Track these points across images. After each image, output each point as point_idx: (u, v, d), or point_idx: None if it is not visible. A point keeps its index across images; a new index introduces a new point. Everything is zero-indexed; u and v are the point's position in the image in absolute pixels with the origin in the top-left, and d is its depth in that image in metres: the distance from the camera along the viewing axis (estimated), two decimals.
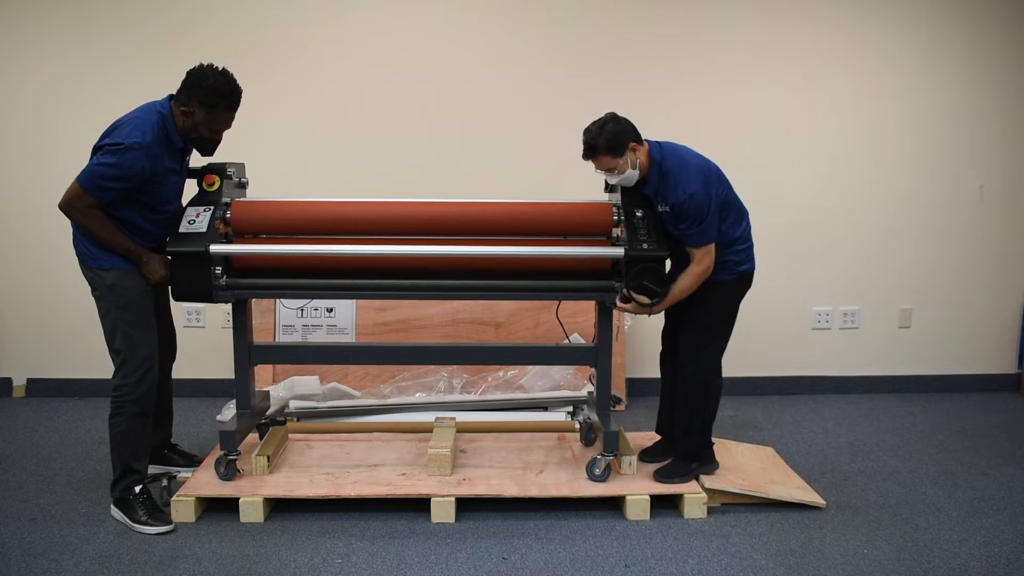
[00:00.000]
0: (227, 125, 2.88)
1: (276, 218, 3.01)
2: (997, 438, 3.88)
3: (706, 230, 2.85)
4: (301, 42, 4.20)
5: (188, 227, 2.92)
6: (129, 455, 2.85)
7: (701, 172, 2.86)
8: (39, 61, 4.15)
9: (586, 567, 2.62)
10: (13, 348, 4.34)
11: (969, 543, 2.81)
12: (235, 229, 2.99)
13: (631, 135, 2.84)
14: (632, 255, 2.88)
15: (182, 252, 2.88)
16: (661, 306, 2.93)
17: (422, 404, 3.95)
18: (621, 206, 3.00)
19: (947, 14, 4.38)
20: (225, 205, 2.98)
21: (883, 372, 4.61)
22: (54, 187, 4.18)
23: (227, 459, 3.01)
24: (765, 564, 2.64)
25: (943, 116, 4.46)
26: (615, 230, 3.01)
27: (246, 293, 3.02)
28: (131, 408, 2.82)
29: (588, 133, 2.86)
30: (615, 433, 3.03)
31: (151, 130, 2.74)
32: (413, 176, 4.29)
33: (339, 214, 3.00)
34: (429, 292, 3.04)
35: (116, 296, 2.82)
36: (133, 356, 2.81)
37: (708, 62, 4.31)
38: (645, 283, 2.88)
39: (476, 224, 3.00)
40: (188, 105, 2.78)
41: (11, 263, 4.28)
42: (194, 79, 2.78)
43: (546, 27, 4.26)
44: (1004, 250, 4.60)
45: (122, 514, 2.84)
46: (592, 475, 3.05)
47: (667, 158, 2.89)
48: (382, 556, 2.67)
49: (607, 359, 3.16)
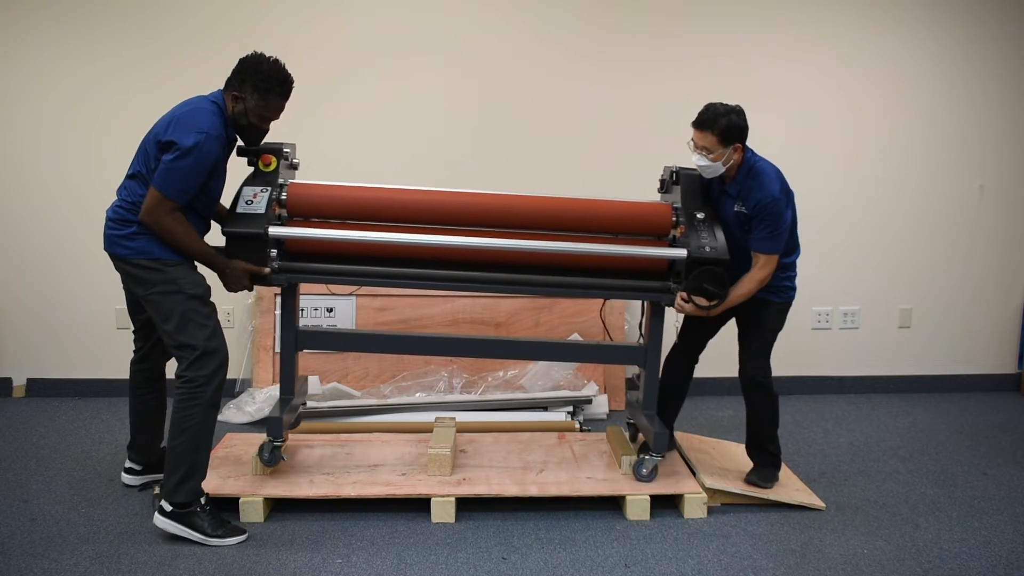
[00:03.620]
0: (277, 114, 2.85)
1: (333, 202, 2.95)
2: (997, 438, 3.88)
3: (777, 238, 2.90)
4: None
5: (246, 207, 2.86)
6: (201, 451, 2.75)
7: (784, 184, 2.95)
8: (33, 59, 4.15)
9: (586, 567, 2.62)
10: (13, 348, 4.34)
11: (969, 543, 2.81)
12: (290, 211, 2.94)
13: (742, 134, 2.89)
14: (695, 257, 2.88)
15: (241, 233, 2.84)
16: (719, 309, 2.95)
17: (422, 404, 3.95)
18: (680, 208, 2.99)
19: (946, 14, 4.39)
20: (281, 186, 2.93)
21: (883, 372, 4.61)
22: (54, 186, 4.23)
23: (272, 445, 2.99)
24: (765, 564, 2.65)
25: (943, 116, 4.46)
26: (673, 231, 3.00)
27: (299, 277, 2.97)
28: (208, 400, 2.73)
29: (712, 108, 2.88)
30: (664, 433, 3.01)
31: (210, 116, 2.71)
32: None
33: (396, 201, 2.95)
34: (484, 285, 3.00)
35: (186, 288, 2.73)
36: (211, 347, 2.73)
37: (708, 63, 4.31)
38: (705, 286, 2.89)
39: (532, 218, 2.97)
40: (240, 91, 2.75)
41: (11, 263, 4.27)
42: (248, 65, 2.76)
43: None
44: (1004, 250, 4.60)
45: (185, 528, 2.71)
46: (639, 475, 3.03)
47: (759, 162, 2.95)
48: (382, 556, 2.67)
49: (656, 359, 3.14)
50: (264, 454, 3.01)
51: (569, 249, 2.92)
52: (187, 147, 2.63)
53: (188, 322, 2.73)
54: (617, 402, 4.26)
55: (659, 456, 3.02)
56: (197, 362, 2.72)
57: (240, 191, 2.92)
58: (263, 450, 3.01)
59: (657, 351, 3.13)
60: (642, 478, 3.03)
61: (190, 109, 2.73)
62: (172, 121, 2.71)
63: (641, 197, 3.15)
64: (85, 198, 4.23)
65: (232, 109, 2.79)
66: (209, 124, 2.69)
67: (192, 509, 2.73)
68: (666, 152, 3.47)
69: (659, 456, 3.02)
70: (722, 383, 4.32)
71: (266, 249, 2.88)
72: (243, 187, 2.93)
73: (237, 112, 2.79)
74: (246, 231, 2.84)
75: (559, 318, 4.27)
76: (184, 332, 2.73)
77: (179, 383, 2.73)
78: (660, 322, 3.10)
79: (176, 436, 2.72)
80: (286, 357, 3.12)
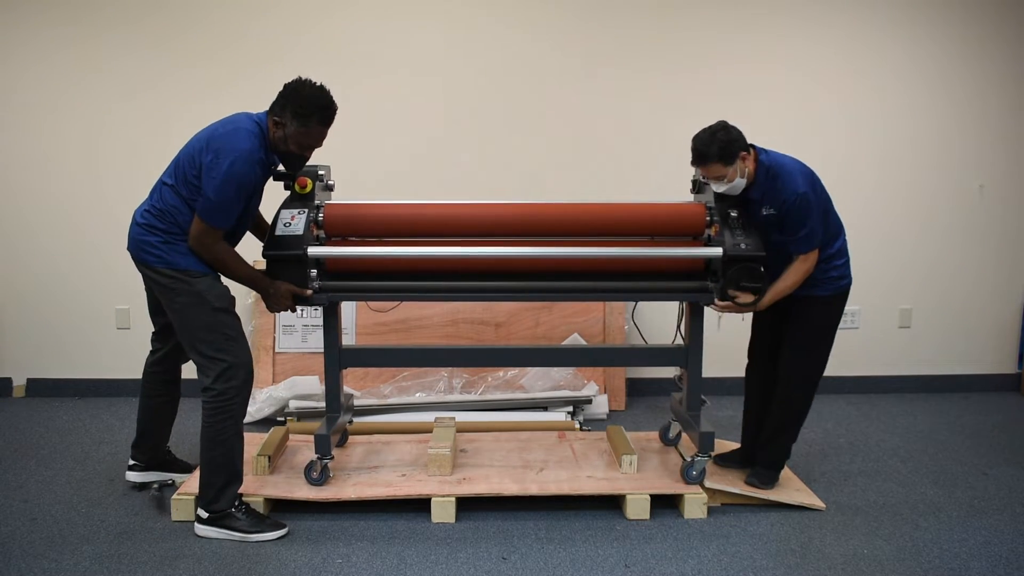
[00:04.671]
0: (318, 142, 2.77)
1: (369, 221, 2.99)
2: (997, 438, 3.88)
3: (811, 235, 2.86)
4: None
5: (284, 230, 2.87)
6: (237, 458, 2.77)
7: (807, 176, 2.90)
8: (38, 60, 4.15)
9: (586, 567, 2.62)
10: (13, 348, 4.34)
11: (969, 543, 2.81)
12: (327, 231, 2.97)
13: (741, 144, 2.84)
14: (731, 255, 2.88)
15: (282, 255, 2.86)
16: (759, 305, 2.93)
17: (422, 404, 3.95)
18: (714, 207, 2.99)
19: (946, 14, 4.38)
20: (317, 207, 2.95)
21: (883, 372, 4.61)
22: (53, 187, 4.23)
23: (321, 463, 2.98)
24: (765, 564, 2.64)
25: (943, 116, 4.46)
26: (707, 230, 3.01)
27: (339, 296, 3.00)
28: (238, 411, 2.74)
29: (699, 140, 2.84)
30: (710, 433, 3.00)
31: (250, 139, 2.65)
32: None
33: (432, 216, 2.98)
34: (525, 294, 3.05)
35: (212, 300, 2.72)
36: (238, 360, 2.73)
37: (707, 64, 4.31)
38: (743, 283, 2.88)
39: (568, 225, 3.00)
40: (281, 116, 2.68)
41: (11, 263, 4.28)
42: (290, 90, 2.69)
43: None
44: (1004, 250, 4.60)
45: (225, 530, 2.74)
46: (689, 478, 3.02)
47: (774, 161, 2.91)
48: (382, 556, 2.67)
49: (698, 359, 3.15)
50: (313, 473, 2.98)
51: (612, 254, 2.94)
52: (227, 176, 2.59)
53: (214, 335, 2.72)
54: (617, 402, 4.27)
55: (707, 456, 3.02)
56: (224, 375, 2.71)
57: (278, 214, 2.92)
58: (311, 469, 2.98)
59: (698, 351, 3.14)
60: (692, 480, 3.02)
61: (230, 130, 2.67)
62: (210, 143, 2.65)
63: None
64: (86, 199, 4.24)
65: (273, 135, 2.72)
66: (248, 148, 2.63)
67: (228, 511, 2.74)
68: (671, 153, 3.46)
69: (707, 456, 3.02)
70: (723, 383, 4.31)
71: (306, 270, 2.89)
72: (281, 210, 2.93)
73: (277, 138, 2.71)
74: (286, 253, 2.86)
75: (559, 318, 4.27)
76: (210, 346, 2.72)
77: (207, 396, 2.72)
78: (700, 322, 3.12)
79: (211, 448, 2.73)
80: (331, 375, 3.13)
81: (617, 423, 3.64)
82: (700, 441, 2.99)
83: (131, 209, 2.87)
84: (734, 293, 2.90)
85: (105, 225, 4.21)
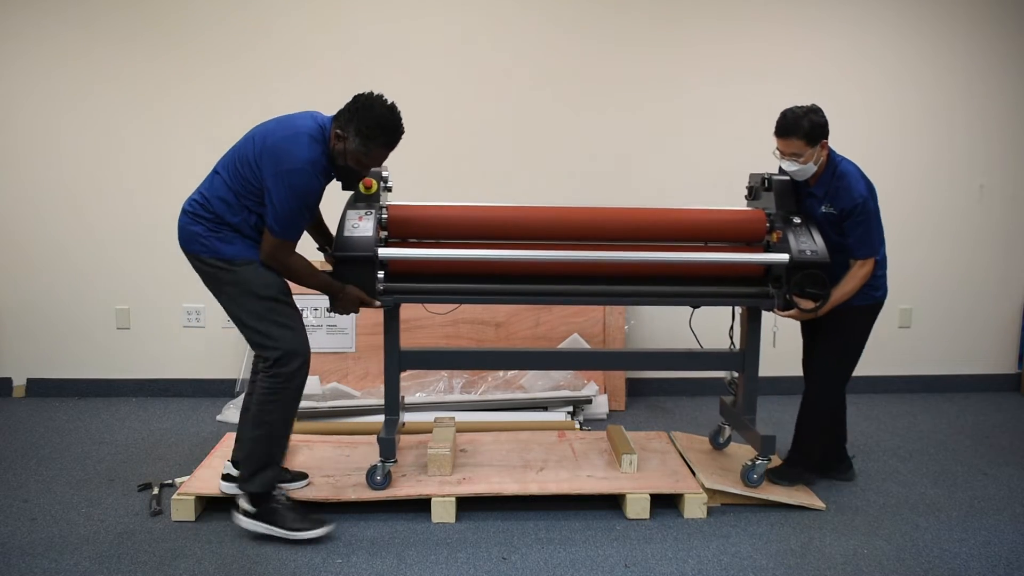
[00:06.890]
0: (378, 163, 2.70)
1: (434, 222, 2.98)
2: (997, 438, 3.88)
3: (871, 240, 2.91)
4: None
5: (352, 231, 2.86)
6: (276, 444, 2.74)
7: (868, 183, 2.94)
8: (41, 62, 4.15)
9: (586, 567, 2.62)
10: (13, 348, 4.34)
11: (969, 543, 2.81)
12: (392, 233, 2.97)
13: (825, 131, 2.88)
14: (796, 261, 2.89)
15: (352, 256, 2.85)
16: (822, 311, 2.94)
17: (422, 404, 3.95)
18: (775, 213, 3.02)
19: (946, 14, 4.39)
20: (382, 208, 2.94)
21: (883, 372, 4.61)
22: (54, 188, 4.23)
23: (385, 467, 2.96)
24: (765, 564, 2.65)
25: (943, 116, 4.46)
26: (767, 236, 3.02)
27: (404, 298, 2.99)
28: (290, 397, 2.71)
29: (791, 113, 2.87)
30: (771, 437, 3.02)
31: (311, 145, 2.58)
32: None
33: (494, 219, 2.99)
34: (586, 298, 3.07)
35: (256, 288, 2.68)
36: (290, 348, 2.69)
37: (706, 65, 4.31)
38: (808, 289, 2.90)
39: (629, 230, 3.02)
40: (345, 130, 2.60)
41: (11, 263, 4.27)
42: (359, 105, 2.60)
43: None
44: (1004, 250, 4.60)
45: (267, 525, 2.71)
46: (751, 481, 3.03)
47: (841, 162, 2.94)
48: (382, 556, 2.67)
49: (755, 364, 3.18)
50: (377, 476, 2.95)
51: (679, 259, 2.96)
52: (291, 191, 2.55)
53: (263, 322, 2.69)
54: (617, 402, 4.26)
55: (767, 460, 3.03)
56: (278, 363, 2.69)
57: (345, 215, 2.91)
58: (375, 472, 2.95)
59: (755, 355, 3.18)
60: (753, 483, 3.03)
61: (289, 135, 2.59)
62: (268, 147, 2.59)
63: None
64: (86, 199, 4.23)
65: (333, 146, 2.63)
66: (310, 159, 2.56)
67: (273, 506, 2.73)
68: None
69: (767, 460, 3.03)
70: (723, 383, 4.30)
71: (374, 271, 2.89)
72: (347, 210, 2.92)
73: (336, 150, 2.63)
74: (358, 254, 2.85)
75: (558, 318, 4.27)
76: (260, 333, 2.70)
77: (261, 379, 2.73)
78: (757, 326, 3.16)
79: (254, 428, 2.73)
80: (391, 378, 3.12)
81: (617, 423, 3.64)
82: (762, 445, 3.01)
83: (133, 210, 2.87)
84: (797, 299, 2.91)
85: (105, 225, 4.21)
